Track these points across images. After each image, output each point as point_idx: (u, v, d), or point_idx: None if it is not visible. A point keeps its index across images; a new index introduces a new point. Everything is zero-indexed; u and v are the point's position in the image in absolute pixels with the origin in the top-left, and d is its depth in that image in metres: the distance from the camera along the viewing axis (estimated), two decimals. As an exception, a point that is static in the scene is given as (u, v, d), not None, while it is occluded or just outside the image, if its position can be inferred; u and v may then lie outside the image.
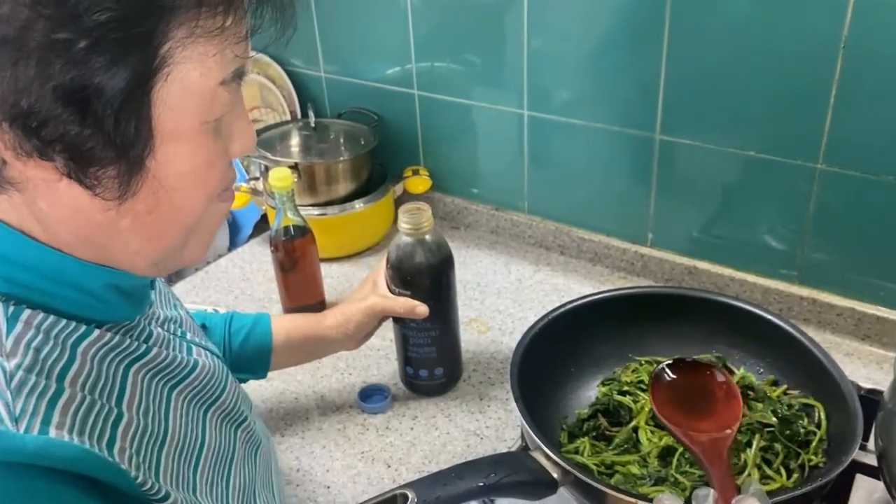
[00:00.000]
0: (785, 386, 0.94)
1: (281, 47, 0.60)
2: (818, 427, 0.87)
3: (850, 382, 0.84)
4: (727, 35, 1.05)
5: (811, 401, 0.90)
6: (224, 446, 0.65)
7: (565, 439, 0.91)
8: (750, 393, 0.91)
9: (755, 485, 0.65)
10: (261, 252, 1.41)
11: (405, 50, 1.35)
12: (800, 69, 1.01)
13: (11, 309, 0.51)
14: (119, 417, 0.52)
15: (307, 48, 1.48)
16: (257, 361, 0.94)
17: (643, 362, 0.99)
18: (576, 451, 0.89)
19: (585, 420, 0.92)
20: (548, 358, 0.95)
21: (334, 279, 1.32)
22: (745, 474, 0.82)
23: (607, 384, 0.97)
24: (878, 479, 0.78)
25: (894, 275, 1.07)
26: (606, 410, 0.92)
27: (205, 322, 0.92)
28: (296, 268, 1.15)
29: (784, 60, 1.02)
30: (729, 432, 0.71)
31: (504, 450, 0.96)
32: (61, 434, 0.46)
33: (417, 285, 0.97)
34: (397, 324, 1.02)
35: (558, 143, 1.28)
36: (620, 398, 0.93)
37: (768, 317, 0.95)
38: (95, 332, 0.55)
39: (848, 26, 0.96)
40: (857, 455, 0.78)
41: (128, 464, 0.50)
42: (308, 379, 1.10)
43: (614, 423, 0.91)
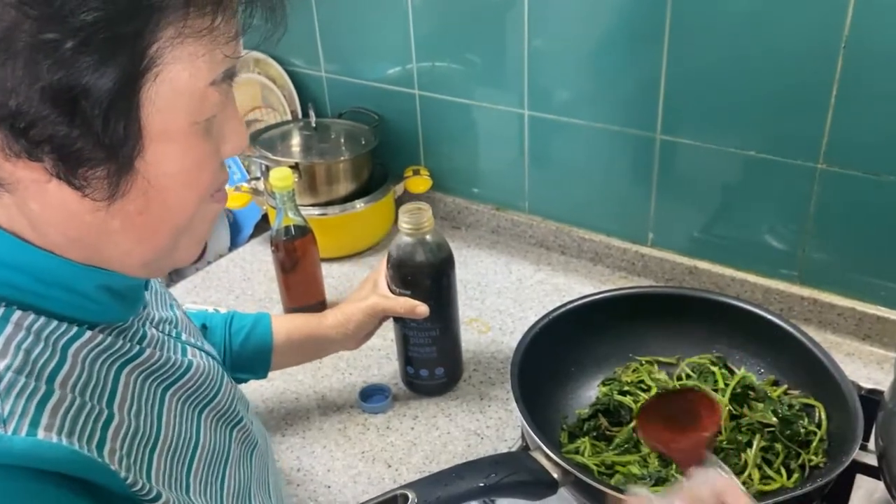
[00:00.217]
0: (785, 386, 0.94)
1: (272, 46, 0.60)
2: (819, 427, 0.87)
3: (851, 382, 0.84)
4: (728, 35, 1.05)
5: (812, 401, 0.90)
6: (219, 447, 0.65)
7: (566, 439, 0.91)
8: (750, 393, 0.91)
9: (712, 458, 0.68)
10: (261, 252, 1.41)
11: (406, 50, 1.35)
12: (800, 69, 1.01)
13: (2, 310, 0.50)
14: (109, 419, 0.52)
15: (308, 48, 1.48)
16: (258, 361, 0.94)
17: (644, 362, 0.99)
18: (576, 451, 0.89)
19: (586, 420, 0.92)
20: (548, 358, 0.95)
21: (335, 279, 1.32)
22: (746, 474, 0.83)
23: (608, 384, 0.97)
24: (879, 479, 0.78)
25: (895, 275, 1.07)
26: (607, 410, 0.92)
27: (205, 322, 0.92)
28: (296, 268, 1.15)
29: (785, 60, 1.02)
30: (707, 434, 0.72)
31: (504, 450, 0.96)
32: (49, 436, 0.46)
33: (418, 285, 0.97)
34: (398, 324, 1.02)
35: (559, 143, 1.28)
36: (621, 398, 0.93)
37: (769, 317, 0.95)
38: (87, 334, 0.54)
39: (849, 26, 0.96)
40: (858, 455, 0.78)
41: (117, 465, 0.50)
42: (309, 379, 1.10)
43: (615, 423, 0.91)
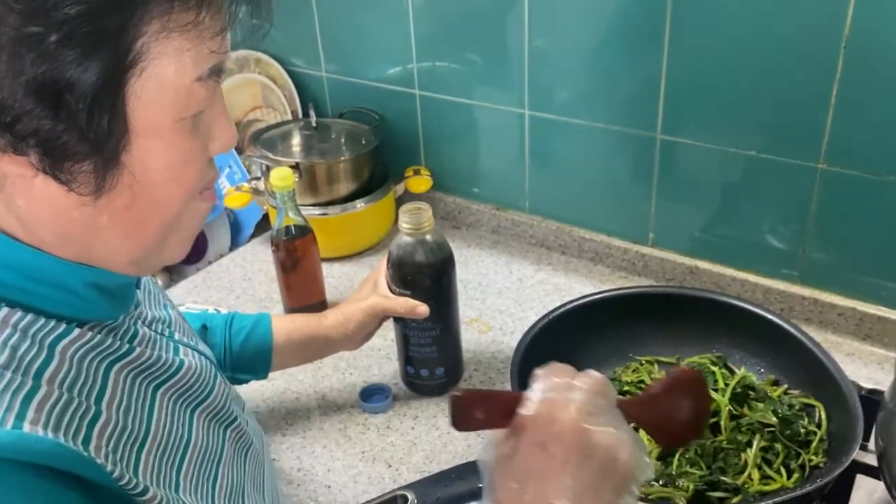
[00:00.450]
0: (785, 386, 0.94)
1: (259, 42, 0.60)
2: (819, 427, 0.87)
3: (851, 382, 0.84)
4: (728, 35, 1.05)
5: (812, 401, 0.90)
6: (212, 446, 0.65)
7: (566, 439, 0.91)
8: (750, 393, 0.91)
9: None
10: (262, 252, 1.41)
11: (406, 50, 1.35)
12: (801, 69, 1.01)
13: None
14: (97, 416, 0.52)
15: (308, 48, 1.48)
16: (258, 362, 0.94)
17: (644, 362, 0.99)
18: (576, 451, 0.89)
19: (586, 420, 0.92)
20: (549, 358, 0.93)
21: (335, 279, 1.32)
22: (746, 474, 0.83)
23: (608, 384, 0.97)
24: (879, 480, 0.78)
25: (895, 275, 1.07)
26: (607, 410, 0.92)
27: (206, 323, 0.93)
28: (297, 267, 1.16)
29: (785, 60, 1.02)
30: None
31: (505, 449, 0.95)
32: (35, 430, 0.46)
33: (418, 285, 0.97)
34: (398, 323, 1.02)
35: (559, 143, 1.28)
36: (621, 398, 0.93)
37: (769, 317, 0.95)
38: (76, 332, 0.54)
39: (849, 26, 0.96)
40: (858, 455, 0.78)
41: (104, 460, 0.49)
42: (309, 378, 1.10)
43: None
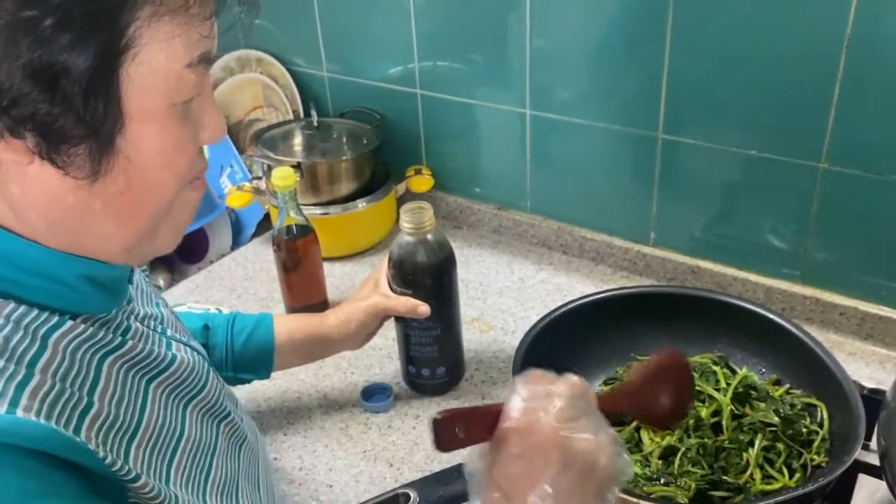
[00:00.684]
0: (787, 385, 0.94)
1: (246, 30, 0.62)
2: (820, 427, 0.87)
3: (853, 382, 0.84)
4: (730, 34, 1.05)
5: (813, 400, 0.90)
6: (205, 439, 0.65)
7: (567, 439, 0.91)
8: (752, 392, 0.90)
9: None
10: (263, 251, 1.42)
11: (408, 49, 1.35)
12: (802, 68, 1.01)
13: None
14: (88, 407, 0.52)
15: (310, 47, 1.48)
16: (260, 362, 0.94)
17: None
18: (578, 451, 0.89)
19: (587, 419, 0.92)
20: (550, 357, 0.94)
21: (337, 278, 1.32)
22: (748, 474, 0.82)
23: (609, 384, 0.97)
24: (881, 479, 0.78)
25: (897, 274, 1.07)
26: (608, 410, 0.92)
27: (208, 322, 0.93)
28: (298, 267, 1.16)
29: (787, 59, 1.02)
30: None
31: (506, 449, 0.95)
32: (28, 416, 0.46)
33: (419, 285, 0.97)
34: (399, 323, 1.02)
35: (561, 143, 1.28)
36: (622, 398, 0.93)
37: (771, 316, 0.95)
38: (69, 323, 0.55)
39: (851, 25, 0.95)
40: (860, 455, 0.78)
41: (95, 448, 0.50)
42: (311, 378, 1.10)
43: (616, 423, 0.91)
